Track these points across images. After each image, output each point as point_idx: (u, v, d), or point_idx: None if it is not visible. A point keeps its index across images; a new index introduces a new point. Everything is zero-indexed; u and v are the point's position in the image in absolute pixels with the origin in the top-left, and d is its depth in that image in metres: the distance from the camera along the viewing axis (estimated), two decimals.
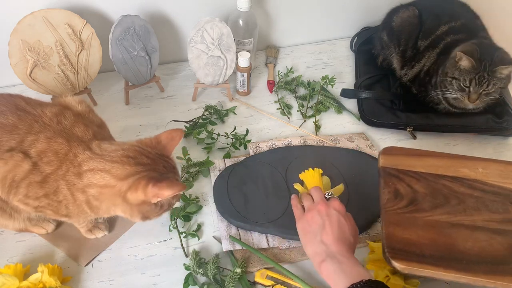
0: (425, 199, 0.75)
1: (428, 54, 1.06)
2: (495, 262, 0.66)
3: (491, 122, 1.02)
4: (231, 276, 0.75)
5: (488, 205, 0.74)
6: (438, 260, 0.67)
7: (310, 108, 1.10)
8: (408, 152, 0.84)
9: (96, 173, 0.63)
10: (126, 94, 1.08)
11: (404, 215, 0.73)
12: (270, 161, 0.94)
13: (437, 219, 0.72)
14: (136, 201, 0.63)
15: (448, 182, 0.78)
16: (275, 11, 1.21)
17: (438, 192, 0.77)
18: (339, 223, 0.70)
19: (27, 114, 0.67)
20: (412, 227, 0.71)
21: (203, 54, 1.02)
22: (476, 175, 0.79)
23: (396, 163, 0.81)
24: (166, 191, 0.61)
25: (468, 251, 0.68)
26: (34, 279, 0.72)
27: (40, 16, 0.91)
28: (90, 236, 0.82)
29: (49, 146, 0.65)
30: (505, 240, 0.69)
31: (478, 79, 0.94)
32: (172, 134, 0.70)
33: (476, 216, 0.73)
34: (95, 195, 0.64)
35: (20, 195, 0.66)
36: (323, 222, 0.70)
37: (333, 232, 0.69)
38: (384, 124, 1.05)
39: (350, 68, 1.23)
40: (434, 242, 0.69)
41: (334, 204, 0.73)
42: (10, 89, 1.09)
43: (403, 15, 1.11)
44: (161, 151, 0.68)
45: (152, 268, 0.79)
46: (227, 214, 0.84)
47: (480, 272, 0.65)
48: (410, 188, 0.77)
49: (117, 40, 0.97)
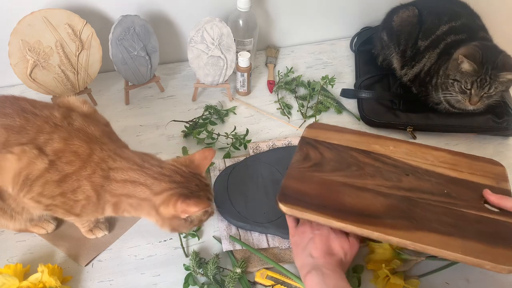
0: (329, 164, 0.85)
1: (429, 54, 1.06)
2: (368, 216, 0.74)
3: (491, 122, 1.02)
4: (231, 276, 0.75)
5: (384, 174, 0.83)
6: (319, 208, 0.75)
7: (310, 108, 1.10)
8: (330, 128, 0.94)
9: (138, 186, 0.67)
10: (126, 94, 1.08)
11: (305, 172, 0.83)
12: (270, 161, 0.94)
13: (332, 179, 0.81)
14: (168, 215, 0.68)
15: (356, 153, 0.87)
16: (275, 11, 1.21)
17: (343, 160, 0.86)
18: (328, 237, 0.72)
19: (35, 116, 0.68)
20: (308, 182, 0.81)
21: (203, 54, 1.02)
22: (385, 151, 0.88)
23: (316, 135, 0.91)
24: (193, 208, 0.65)
25: (349, 204, 0.76)
26: (34, 279, 0.72)
27: (40, 16, 0.91)
28: (91, 236, 0.82)
29: (66, 146, 0.66)
30: (386, 201, 0.77)
31: (479, 82, 0.93)
32: (205, 153, 0.74)
33: (369, 180, 0.81)
34: (133, 204, 0.69)
35: (33, 193, 0.66)
36: (313, 236, 0.72)
37: (322, 245, 0.71)
38: (384, 124, 1.05)
39: (350, 68, 1.23)
40: (322, 194, 0.78)
41: None
42: (10, 89, 1.09)
43: (403, 15, 1.11)
44: (195, 170, 0.72)
45: (152, 268, 0.79)
46: (227, 214, 0.85)
47: (351, 220, 0.72)
48: (320, 155, 0.87)
49: (117, 40, 0.97)
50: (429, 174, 0.83)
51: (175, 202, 0.66)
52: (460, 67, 0.95)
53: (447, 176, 0.82)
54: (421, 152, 0.88)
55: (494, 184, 0.80)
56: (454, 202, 0.77)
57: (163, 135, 1.02)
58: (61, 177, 0.66)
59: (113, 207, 0.70)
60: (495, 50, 0.96)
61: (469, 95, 0.96)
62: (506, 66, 0.93)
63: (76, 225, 0.80)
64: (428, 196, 0.78)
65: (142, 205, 0.68)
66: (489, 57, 0.93)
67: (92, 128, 0.70)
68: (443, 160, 0.86)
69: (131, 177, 0.67)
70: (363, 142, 0.90)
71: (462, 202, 0.77)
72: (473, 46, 0.96)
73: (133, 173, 0.68)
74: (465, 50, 0.95)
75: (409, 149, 0.88)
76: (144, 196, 0.67)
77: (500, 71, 0.92)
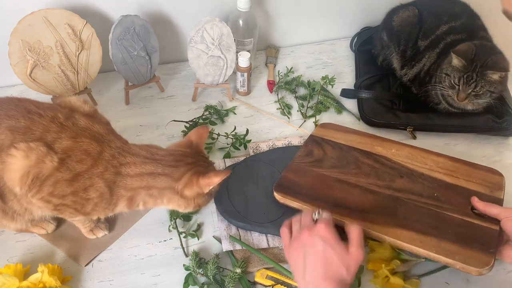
0: (329, 161, 0.90)
1: (428, 54, 1.06)
2: (352, 209, 0.80)
3: (491, 122, 1.02)
4: (231, 276, 0.75)
5: (379, 174, 0.87)
6: (307, 198, 0.82)
7: (310, 108, 1.10)
8: (340, 128, 0.98)
9: (157, 177, 0.70)
10: (126, 94, 1.08)
11: (304, 167, 0.89)
12: (270, 161, 0.94)
13: (328, 174, 0.87)
14: (192, 195, 0.72)
15: (358, 154, 0.91)
16: (275, 11, 1.21)
17: (343, 158, 0.90)
18: (324, 254, 0.63)
19: (40, 116, 0.68)
20: (304, 175, 0.87)
21: (203, 54, 1.02)
22: (387, 153, 0.91)
23: (324, 134, 0.97)
24: (214, 178, 0.71)
25: (338, 198, 0.82)
26: (34, 279, 0.72)
27: (40, 16, 0.91)
28: (91, 236, 0.82)
29: (76, 145, 0.67)
30: (374, 198, 0.82)
31: (466, 78, 0.94)
32: (199, 132, 0.78)
33: (363, 179, 0.86)
34: (153, 195, 0.71)
35: (43, 193, 0.66)
36: (307, 256, 0.64)
37: (317, 268, 0.62)
38: (384, 124, 1.05)
39: (350, 68, 1.23)
40: (314, 187, 0.84)
41: (319, 230, 0.65)
42: (10, 89, 1.09)
43: (403, 15, 1.11)
44: (196, 149, 0.76)
45: (152, 268, 0.79)
46: (227, 214, 0.84)
47: (335, 212, 0.75)
48: (323, 152, 0.92)
49: (117, 40, 0.97)
50: (424, 177, 0.86)
51: (197, 180, 0.70)
52: (451, 61, 0.96)
53: (441, 181, 0.86)
54: (422, 156, 0.91)
55: (487, 192, 0.83)
56: (441, 205, 0.80)
57: (163, 135, 1.02)
58: (73, 175, 0.66)
59: (128, 202, 0.72)
60: (490, 50, 0.96)
61: (457, 91, 0.96)
62: (495, 65, 0.93)
63: (77, 225, 0.80)
64: (416, 197, 0.82)
65: (164, 193, 0.71)
66: (481, 55, 0.94)
67: (97, 127, 0.71)
68: (442, 166, 0.89)
69: (147, 169, 0.70)
70: (367, 143, 0.94)
71: (449, 206, 0.80)
72: (470, 44, 0.96)
73: (148, 166, 0.70)
74: (461, 46, 0.96)
75: (411, 153, 0.91)
76: (165, 185, 0.70)
77: (488, 69, 0.92)
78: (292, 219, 0.74)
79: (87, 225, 0.80)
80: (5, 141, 0.65)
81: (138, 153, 0.71)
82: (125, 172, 0.69)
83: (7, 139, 0.65)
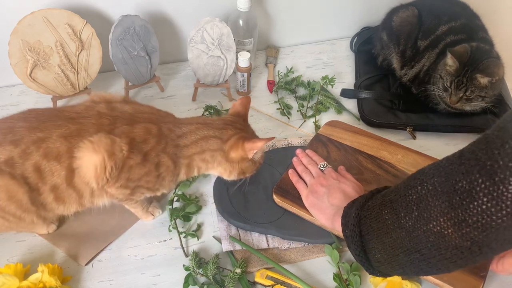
0: (332, 164, 0.88)
1: (428, 54, 1.06)
2: None
3: (491, 122, 1.02)
4: (231, 276, 0.75)
5: (380, 182, 0.85)
6: None
7: (310, 108, 1.10)
8: (347, 127, 0.97)
9: (209, 139, 0.74)
10: (126, 94, 1.08)
11: None
12: (270, 161, 0.94)
13: None
14: (237, 158, 0.75)
15: (362, 158, 0.90)
16: (275, 11, 1.21)
17: (347, 162, 0.89)
18: (340, 189, 0.78)
19: (85, 118, 0.69)
20: None
21: (203, 54, 1.02)
22: (392, 158, 0.90)
23: (331, 133, 0.96)
24: (258, 143, 0.74)
25: None
26: (34, 279, 0.72)
27: (40, 16, 0.91)
28: (149, 217, 0.85)
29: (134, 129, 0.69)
30: None
31: (457, 82, 0.94)
32: (243, 101, 0.82)
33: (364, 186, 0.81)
34: (205, 159, 0.75)
35: (122, 180, 0.69)
36: (327, 190, 0.78)
37: (338, 194, 0.77)
38: (384, 124, 1.05)
39: (350, 68, 1.23)
40: None
41: (331, 174, 0.82)
42: (10, 89, 1.09)
43: (403, 15, 1.11)
44: (243, 118, 0.81)
45: (152, 268, 0.80)
46: (227, 215, 0.84)
47: None
48: (327, 153, 0.91)
49: (117, 40, 0.97)
50: None
51: (242, 144, 0.74)
52: (446, 62, 0.96)
53: None
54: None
55: None
56: None
57: None
58: (142, 157, 0.69)
59: (186, 169, 0.76)
60: (485, 54, 0.95)
61: (450, 94, 0.97)
62: (485, 70, 0.92)
63: (134, 210, 0.82)
64: None
65: (215, 156, 0.75)
66: (475, 59, 0.93)
67: (142, 108, 0.75)
68: None
69: (201, 134, 0.74)
70: (373, 146, 0.93)
71: None
72: (467, 46, 0.95)
73: (201, 131, 0.74)
74: (457, 48, 0.96)
75: (417, 160, 0.90)
76: (216, 146, 0.75)
77: (477, 73, 0.92)
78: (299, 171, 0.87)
79: (144, 206, 0.82)
80: (61, 148, 0.66)
81: (191, 122, 0.76)
82: (182, 143, 0.73)
83: (63, 146, 0.66)
